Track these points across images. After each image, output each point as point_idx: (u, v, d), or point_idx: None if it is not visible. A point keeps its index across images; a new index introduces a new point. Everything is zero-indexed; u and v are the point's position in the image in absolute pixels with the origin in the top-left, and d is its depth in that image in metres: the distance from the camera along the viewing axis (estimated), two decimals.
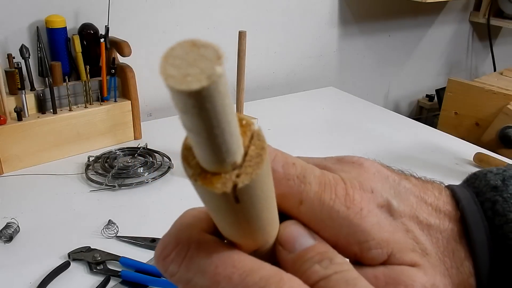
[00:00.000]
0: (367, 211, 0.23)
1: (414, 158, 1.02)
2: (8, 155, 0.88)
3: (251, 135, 0.17)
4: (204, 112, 0.14)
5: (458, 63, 2.06)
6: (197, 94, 0.13)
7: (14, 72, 0.87)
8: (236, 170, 0.16)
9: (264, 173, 0.17)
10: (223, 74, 0.13)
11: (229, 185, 0.16)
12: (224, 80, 0.13)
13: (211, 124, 0.14)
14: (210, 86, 0.13)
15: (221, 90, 0.13)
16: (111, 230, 0.72)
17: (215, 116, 0.14)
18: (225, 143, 0.15)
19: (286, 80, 1.48)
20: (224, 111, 0.14)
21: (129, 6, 1.10)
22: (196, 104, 0.13)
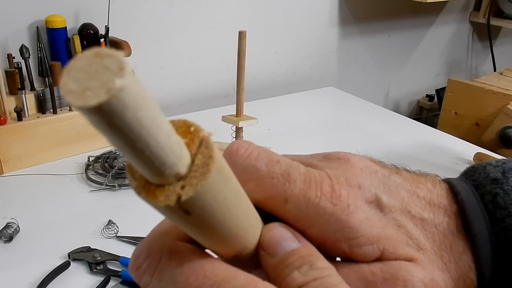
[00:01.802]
0: (355, 207, 0.23)
1: (414, 158, 1.02)
2: (8, 155, 0.88)
3: (199, 143, 0.16)
4: (115, 128, 0.12)
5: (458, 63, 2.06)
6: (97, 110, 0.12)
7: (14, 72, 0.87)
8: (181, 182, 0.15)
9: (214, 183, 0.16)
10: (126, 86, 0.12)
11: (173, 197, 0.15)
12: (132, 92, 0.12)
13: (129, 140, 0.13)
14: (110, 101, 0.12)
15: (128, 103, 0.12)
16: (111, 230, 0.72)
17: (130, 131, 0.13)
18: (156, 157, 0.14)
19: (286, 80, 1.48)
20: (140, 124, 0.13)
21: (129, 6, 1.10)
22: (102, 121, 0.12)
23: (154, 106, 0.13)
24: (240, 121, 0.87)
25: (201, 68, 1.29)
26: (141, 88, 0.13)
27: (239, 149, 0.23)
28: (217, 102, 1.32)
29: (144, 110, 0.13)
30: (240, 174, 0.23)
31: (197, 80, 1.30)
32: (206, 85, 1.32)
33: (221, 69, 1.32)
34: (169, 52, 1.21)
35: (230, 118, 0.88)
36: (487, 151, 1.03)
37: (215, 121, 1.09)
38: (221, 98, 1.35)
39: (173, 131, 0.15)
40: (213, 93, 1.34)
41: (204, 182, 0.15)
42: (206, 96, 1.33)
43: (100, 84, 0.12)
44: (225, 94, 1.36)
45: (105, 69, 0.12)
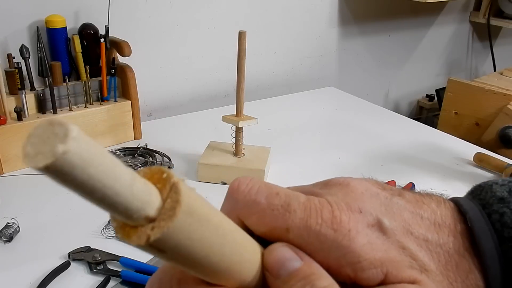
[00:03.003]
0: (356, 231, 0.23)
1: (414, 158, 1.02)
2: (8, 155, 0.88)
3: (169, 188, 0.18)
4: (70, 183, 0.14)
5: (458, 63, 2.06)
6: (47, 170, 0.14)
7: (14, 72, 0.87)
8: (151, 224, 0.17)
9: (184, 224, 0.17)
10: (68, 150, 0.14)
11: (143, 238, 0.17)
12: (78, 153, 0.14)
13: (86, 192, 0.15)
14: (55, 163, 0.13)
15: (75, 163, 0.14)
16: (111, 230, 0.72)
17: (84, 185, 0.15)
18: (118, 204, 0.16)
19: (286, 80, 1.48)
20: (92, 179, 0.15)
21: (129, 6, 1.10)
22: (55, 178, 0.14)
23: (108, 161, 0.15)
24: (240, 121, 0.87)
25: (201, 68, 1.29)
26: (90, 148, 0.15)
27: (240, 185, 0.25)
28: (217, 102, 1.32)
29: (94, 166, 0.15)
30: (242, 209, 0.24)
31: (197, 80, 1.30)
32: (206, 85, 1.32)
33: (221, 69, 1.32)
34: (169, 52, 1.21)
35: (230, 118, 0.88)
36: (487, 151, 1.03)
37: (215, 121, 1.09)
38: (221, 98, 1.35)
39: (136, 180, 0.16)
40: (213, 93, 1.34)
41: (171, 224, 0.17)
42: (206, 96, 1.33)
43: (48, 149, 0.14)
44: (225, 94, 1.36)
45: (54, 136, 0.14)
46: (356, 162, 1.00)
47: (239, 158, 0.90)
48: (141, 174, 0.18)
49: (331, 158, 1.01)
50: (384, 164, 0.99)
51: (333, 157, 1.01)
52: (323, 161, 0.99)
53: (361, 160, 1.01)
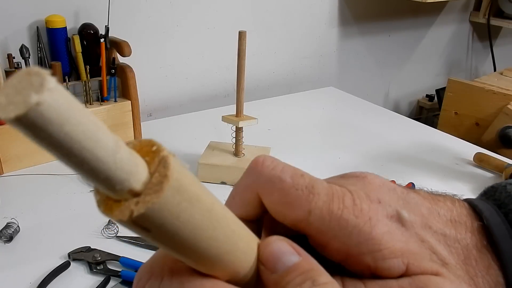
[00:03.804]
0: (376, 220, 0.22)
1: (414, 158, 1.02)
2: (8, 155, 0.88)
3: (158, 162, 0.16)
4: (43, 140, 0.13)
5: (458, 63, 2.06)
6: (17, 122, 0.12)
7: (14, 72, 0.87)
8: (136, 198, 0.16)
9: (171, 201, 0.16)
10: (43, 101, 0.12)
11: (126, 213, 0.15)
12: (54, 107, 0.13)
13: (62, 152, 0.14)
14: (27, 114, 0.12)
15: (50, 117, 0.13)
16: (111, 230, 0.72)
17: (60, 144, 0.13)
18: (98, 171, 0.15)
19: (286, 80, 1.48)
20: (69, 138, 0.13)
21: (129, 6, 1.10)
22: (27, 132, 0.13)
23: (89, 122, 0.14)
24: (240, 121, 0.87)
25: (201, 68, 1.29)
26: (69, 104, 0.13)
27: (265, 161, 0.24)
28: (217, 102, 1.32)
29: (72, 124, 0.13)
30: (265, 184, 0.23)
31: (197, 80, 1.30)
32: (206, 85, 1.32)
33: (221, 69, 1.32)
34: (169, 52, 1.21)
35: (230, 118, 0.88)
36: (487, 151, 1.03)
37: (215, 121, 1.09)
38: (221, 98, 1.35)
39: (121, 148, 0.15)
40: (213, 93, 1.34)
41: (157, 200, 0.15)
42: (206, 96, 1.33)
43: (21, 99, 0.12)
44: (225, 94, 1.36)
45: (29, 86, 0.12)
46: (356, 162, 1.00)
47: (239, 158, 0.90)
48: (130, 146, 0.17)
49: (331, 158, 1.01)
50: (384, 164, 0.99)
51: (333, 157, 1.01)
52: (323, 161, 0.99)
53: (361, 160, 1.01)
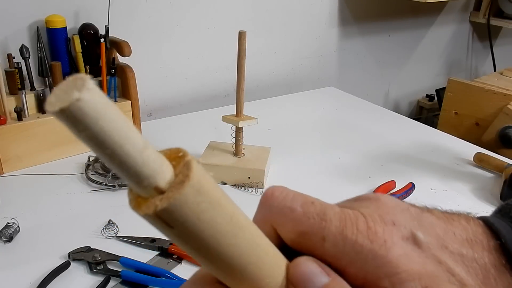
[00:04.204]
0: (392, 243, 0.22)
1: (414, 158, 1.02)
2: (8, 155, 0.88)
3: (183, 165, 0.18)
4: (81, 132, 0.15)
5: (458, 63, 2.06)
6: (60, 114, 0.15)
7: (14, 72, 0.87)
8: (161, 195, 0.18)
9: (191, 199, 0.18)
10: (82, 98, 0.15)
11: (151, 208, 0.17)
12: (91, 104, 0.15)
13: (97, 145, 0.16)
14: (69, 107, 0.15)
15: (87, 112, 0.15)
16: (111, 230, 0.72)
17: (94, 137, 0.15)
18: (127, 165, 0.17)
19: (286, 80, 1.48)
20: (103, 132, 0.15)
21: (129, 6, 1.10)
22: (68, 124, 0.15)
23: (122, 121, 0.16)
24: (240, 121, 0.87)
25: (201, 68, 1.29)
26: (104, 103, 0.15)
27: (274, 192, 0.24)
28: (217, 102, 1.32)
29: (106, 121, 0.15)
30: (277, 215, 0.24)
31: (197, 80, 1.30)
32: (206, 85, 1.32)
33: (221, 69, 1.32)
34: (169, 52, 1.21)
35: (230, 118, 0.88)
36: (487, 151, 1.03)
37: (215, 121, 1.09)
38: (221, 98, 1.35)
39: (149, 148, 0.17)
40: (213, 93, 1.34)
41: (178, 196, 0.17)
42: (206, 96, 1.33)
43: (66, 97, 0.15)
44: (225, 94, 1.36)
45: (73, 87, 0.15)
46: (356, 162, 1.00)
47: (239, 158, 0.90)
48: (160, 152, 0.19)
49: (331, 158, 1.01)
50: (384, 164, 0.99)
51: (333, 157, 1.01)
52: (323, 161, 0.99)
53: (361, 160, 1.01)
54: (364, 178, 0.92)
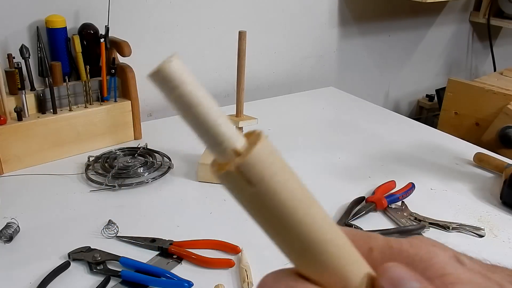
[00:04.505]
0: (434, 253, 0.23)
1: (414, 158, 1.02)
2: (8, 155, 0.88)
3: (255, 136, 0.20)
4: (171, 93, 0.19)
5: (458, 63, 2.06)
6: (155, 75, 0.19)
7: (14, 72, 0.87)
8: (239, 157, 0.19)
9: (264, 156, 0.19)
10: (170, 65, 0.19)
11: (232, 166, 0.19)
12: (178, 70, 0.19)
13: (184, 106, 0.19)
14: (160, 69, 0.19)
15: (174, 76, 0.19)
16: (111, 230, 0.72)
17: (182, 98, 0.19)
18: (208, 127, 0.19)
19: (286, 80, 1.48)
20: (189, 95, 0.19)
21: (129, 6, 1.10)
22: (161, 86, 0.19)
23: (203, 92, 0.20)
24: (240, 121, 0.87)
25: (201, 68, 1.29)
26: (189, 75, 0.19)
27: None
28: (217, 102, 1.31)
29: (190, 85, 0.19)
30: None
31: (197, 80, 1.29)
32: (206, 85, 1.30)
33: (221, 69, 1.32)
34: (169, 52, 1.20)
35: (230, 118, 0.88)
36: (487, 151, 1.03)
37: None
38: (221, 98, 1.35)
39: (225, 118, 0.20)
40: (213, 93, 1.32)
41: (253, 151, 0.19)
42: None
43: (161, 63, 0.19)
44: (225, 94, 1.36)
45: (167, 60, 0.19)
46: (356, 162, 1.00)
47: None
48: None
49: (331, 158, 1.01)
50: (384, 164, 0.99)
51: (333, 157, 1.01)
52: (323, 161, 0.99)
53: (361, 160, 1.01)
54: (364, 178, 0.92)
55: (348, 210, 0.79)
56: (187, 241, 0.70)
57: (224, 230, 0.74)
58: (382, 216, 0.80)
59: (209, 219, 0.78)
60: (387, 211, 0.81)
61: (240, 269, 0.65)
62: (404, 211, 0.81)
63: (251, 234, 0.73)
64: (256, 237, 0.73)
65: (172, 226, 0.75)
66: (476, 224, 0.78)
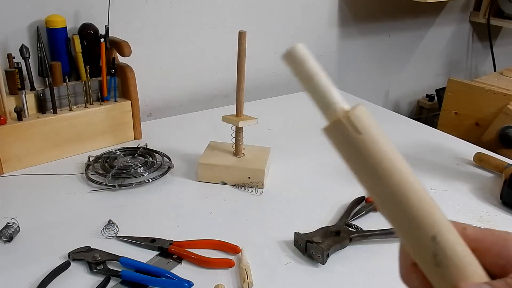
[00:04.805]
0: None
1: (414, 158, 1.02)
2: (8, 155, 0.88)
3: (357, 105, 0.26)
4: (298, 70, 0.26)
5: (458, 63, 2.06)
6: (286, 56, 0.27)
7: (14, 72, 0.87)
8: (348, 112, 0.25)
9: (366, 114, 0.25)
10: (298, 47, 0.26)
11: (344, 117, 0.25)
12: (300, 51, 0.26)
13: (307, 79, 0.26)
14: (290, 50, 0.26)
15: (299, 55, 0.26)
16: (111, 230, 0.72)
17: (305, 73, 0.26)
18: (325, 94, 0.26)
19: (286, 80, 1.48)
20: (311, 70, 0.26)
21: (129, 6, 1.10)
22: (289, 64, 0.26)
23: (317, 65, 0.26)
24: (240, 121, 0.87)
25: (201, 68, 1.29)
26: (308, 52, 0.26)
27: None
28: (217, 102, 1.32)
29: (310, 61, 0.26)
30: None
31: (197, 80, 1.29)
32: (206, 85, 1.32)
33: (221, 69, 1.32)
34: (169, 52, 1.21)
35: (230, 118, 0.88)
36: (487, 151, 1.03)
37: (215, 121, 1.09)
38: (221, 98, 1.35)
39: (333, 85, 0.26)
40: (213, 93, 1.34)
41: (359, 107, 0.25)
42: (206, 96, 1.33)
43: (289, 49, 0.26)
44: (225, 94, 1.36)
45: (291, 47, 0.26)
46: None
47: (239, 158, 0.90)
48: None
49: (331, 158, 1.01)
50: None
51: (333, 157, 1.01)
52: (323, 161, 0.99)
53: None
54: None
55: (348, 210, 0.79)
56: (187, 241, 0.70)
57: (224, 230, 0.74)
58: (382, 216, 0.80)
59: (209, 219, 0.78)
60: None
61: (240, 269, 0.65)
62: None
63: (251, 234, 0.73)
64: (256, 237, 0.73)
65: (172, 226, 0.75)
66: (476, 224, 0.78)
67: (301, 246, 0.69)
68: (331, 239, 0.69)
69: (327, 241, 0.68)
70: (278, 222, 0.77)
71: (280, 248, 0.71)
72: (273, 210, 0.81)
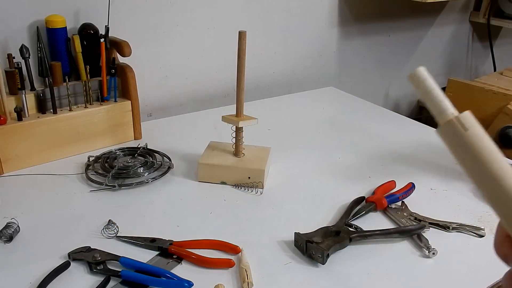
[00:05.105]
0: None
1: (414, 158, 1.02)
2: (8, 155, 0.88)
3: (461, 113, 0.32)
4: (420, 88, 0.32)
5: (458, 63, 2.06)
6: (411, 76, 0.32)
7: (14, 72, 0.87)
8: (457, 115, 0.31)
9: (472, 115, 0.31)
10: (420, 69, 0.32)
11: (454, 118, 0.31)
12: (424, 73, 0.32)
13: (427, 92, 0.32)
14: (412, 73, 0.32)
15: (419, 76, 0.32)
16: (111, 230, 0.72)
17: (426, 88, 0.32)
18: (439, 102, 0.32)
19: (286, 80, 1.48)
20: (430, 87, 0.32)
21: (129, 6, 1.10)
22: (413, 83, 0.32)
23: (432, 81, 0.32)
24: (240, 121, 0.87)
25: (201, 68, 1.29)
26: (427, 73, 0.32)
27: None
28: (217, 102, 1.32)
29: (429, 79, 0.32)
30: None
31: (197, 80, 1.30)
32: (206, 85, 1.32)
33: (221, 69, 1.32)
34: (169, 52, 1.21)
35: (230, 118, 0.88)
36: None
37: (215, 121, 1.09)
38: (221, 98, 1.35)
39: (444, 95, 0.32)
40: (213, 93, 1.34)
41: (465, 113, 0.31)
42: (206, 96, 1.33)
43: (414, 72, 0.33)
44: (225, 94, 1.36)
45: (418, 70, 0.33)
46: (356, 162, 1.00)
47: (239, 158, 0.90)
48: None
49: (331, 158, 1.01)
50: (384, 164, 0.99)
51: (333, 157, 1.01)
52: (323, 161, 0.99)
53: (361, 160, 1.01)
54: (364, 178, 0.92)
55: (348, 210, 0.79)
56: (187, 241, 0.70)
57: (224, 230, 0.74)
58: (382, 216, 0.80)
59: (209, 219, 0.78)
60: (387, 211, 0.81)
61: (240, 269, 0.65)
62: (404, 211, 0.81)
63: (251, 234, 0.73)
64: (256, 237, 0.73)
65: (172, 226, 0.75)
66: (476, 224, 0.78)
67: (301, 246, 0.69)
68: (331, 239, 0.69)
69: (327, 241, 0.69)
70: (278, 222, 0.77)
71: (280, 248, 0.71)
72: (273, 210, 0.81)
